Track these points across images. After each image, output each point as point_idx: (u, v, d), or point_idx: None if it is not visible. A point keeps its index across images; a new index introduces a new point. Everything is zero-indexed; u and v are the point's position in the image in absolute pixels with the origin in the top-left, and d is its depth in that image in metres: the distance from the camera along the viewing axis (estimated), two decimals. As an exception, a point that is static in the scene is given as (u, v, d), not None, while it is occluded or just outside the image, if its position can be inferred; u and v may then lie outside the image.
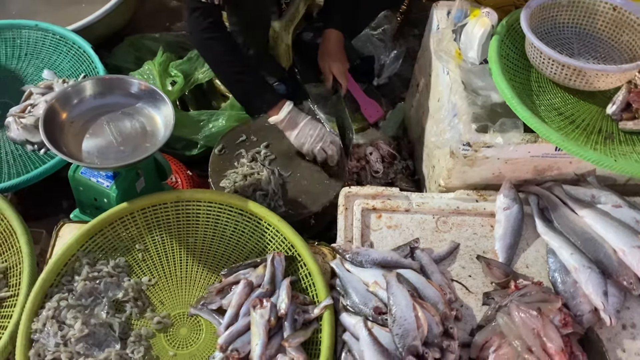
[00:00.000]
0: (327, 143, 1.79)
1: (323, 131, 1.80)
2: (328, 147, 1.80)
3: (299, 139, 1.79)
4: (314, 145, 1.79)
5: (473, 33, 1.70)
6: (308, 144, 1.79)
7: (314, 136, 1.78)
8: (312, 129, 1.78)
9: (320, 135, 1.79)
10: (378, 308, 1.38)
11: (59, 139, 1.47)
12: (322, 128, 1.81)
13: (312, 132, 1.78)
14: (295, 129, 1.78)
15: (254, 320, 1.36)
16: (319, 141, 1.78)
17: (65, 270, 1.45)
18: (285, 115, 1.76)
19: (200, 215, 1.57)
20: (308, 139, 1.79)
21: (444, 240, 1.59)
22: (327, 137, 1.80)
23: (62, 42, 2.06)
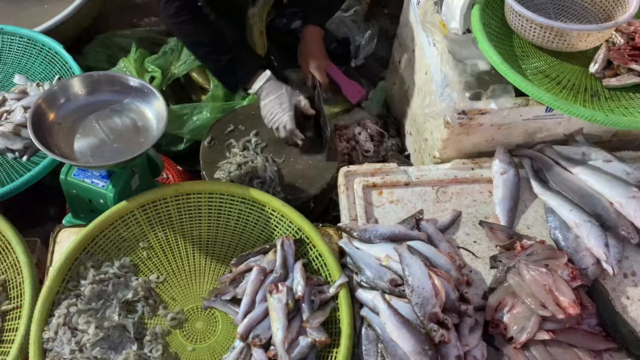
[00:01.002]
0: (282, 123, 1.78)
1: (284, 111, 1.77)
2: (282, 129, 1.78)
3: (263, 111, 1.81)
4: (272, 122, 1.79)
5: (454, 4, 1.72)
6: (267, 119, 1.80)
7: (274, 114, 1.78)
8: (275, 107, 1.77)
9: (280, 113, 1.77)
10: (394, 280, 1.39)
11: (48, 141, 1.42)
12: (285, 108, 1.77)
13: (273, 109, 1.78)
14: (264, 99, 1.79)
15: (272, 305, 1.35)
16: (275, 120, 1.78)
17: (69, 275, 1.40)
18: (260, 86, 1.79)
19: (202, 208, 1.54)
20: (268, 114, 1.79)
21: (446, 209, 1.62)
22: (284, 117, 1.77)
23: (31, 45, 1.97)
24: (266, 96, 1.79)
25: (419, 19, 1.69)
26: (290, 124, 1.77)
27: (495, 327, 1.41)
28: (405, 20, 1.92)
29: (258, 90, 1.80)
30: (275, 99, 1.78)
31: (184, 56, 2.14)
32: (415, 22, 1.82)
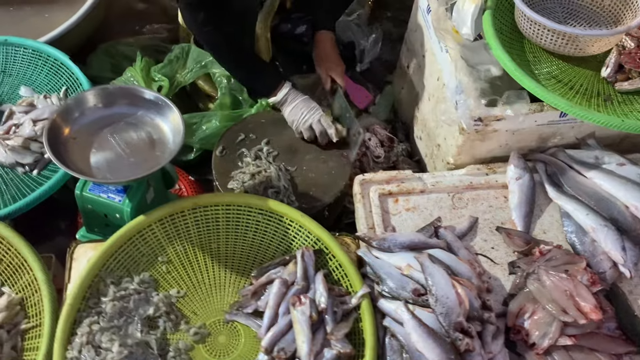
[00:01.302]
0: (314, 121, 1.81)
1: (314, 110, 1.82)
2: (316, 125, 1.81)
3: (290, 116, 1.84)
4: (302, 123, 1.81)
5: (464, 9, 1.73)
6: (297, 121, 1.82)
7: (304, 113, 1.81)
8: (304, 107, 1.82)
9: (310, 112, 1.81)
10: (416, 290, 1.39)
11: (64, 156, 1.40)
12: (314, 107, 1.82)
13: (304, 109, 1.81)
14: (289, 106, 1.83)
15: (296, 318, 1.35)
16: (308, 119, 1.81)
17: (90, 292, 1.39)
18: (282, 97, 1.84)
19: (219, 220, 1.53)
20: (298, 116, 1.82)
21: (463, 216, 1.62)
22: (316, 115, 1.81)
23: (36, 56, 1.94)
24: (292, 101, 1.82)
25: (433, 26, 1.69)
26: (325, 118, 1.80)
27: (516, 333, 1.42)
28: (414, 26, 1.92)
29: (282, 99, 1.83)
30: (301, 102, 1.82)
31: (190, 64, 2.12)
32: (425, 28, 1.82)
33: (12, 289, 1.47)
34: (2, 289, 1.46)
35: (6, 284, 1.48)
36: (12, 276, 1.48)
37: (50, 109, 1.78)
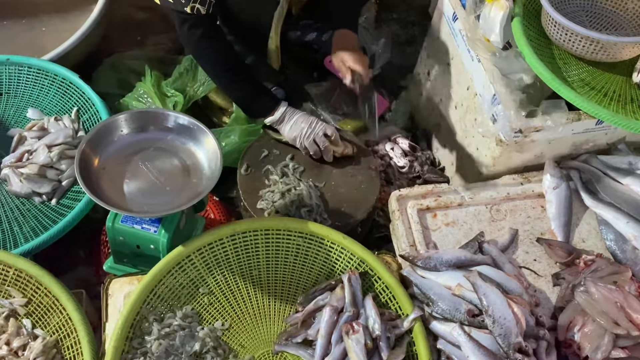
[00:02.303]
0: (318, 135, 1.72)
1: (315, 123, 1.73)
2: (320, 139, 1.72)
3: (291, 132, 1.74)
4: (305, 138, 1.72)
5: (491, 17, 1.69)
6: (299, 137, 1.73)
7: (305, 128, 1.72)
8: (303, 122, 1.72)
9: (312, 127, 1.72)
10: (471, 311, 1.36)
11: (97, 189, 1.32)
12: (315, 121, 1.73)
13: (304, 125, 1.72)
14: (288, 123, 1.74)
15: (351, 347, 1.31)
16: (311, 133, 1.72)
17: (133, 332, 1.32)
18: (280, 115, 1.74)
19: (259, 246, 1.48)
20: (300, 132, 1.72)
21: (502, 228, 1.60)
22: (318, 128, 1.72)
23: (42, 75, 1.83)
24: (290, 119, 1.73)
25: (466, 35, 1.65)
26: (331, 128, 1.72)
27: (568, 347, 1.41)
28: (435, 32, 1.88)
29: (279, 117, 1.73)
30: (300, 117, 1.73)
31: (200, 77, 2.03)
32: (451, 35, 1.78)
33: (45, 330, 1.39)
34: (35, 332, 1.38)
35: (38, 325, 1.40)
36: (44, 317, 1.40)
37: (64, 133, 1.69)
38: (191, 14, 1.58)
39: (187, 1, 1.55)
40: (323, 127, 1.71)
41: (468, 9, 1.70)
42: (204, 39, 1.67)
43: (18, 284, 1.41)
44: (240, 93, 1.77)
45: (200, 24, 1.63)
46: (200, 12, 1.58)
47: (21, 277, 1.41)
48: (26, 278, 1.41)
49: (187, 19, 1.61)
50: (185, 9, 1.56)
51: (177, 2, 1.56)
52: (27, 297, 1.41)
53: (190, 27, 1.62)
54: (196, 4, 1.56)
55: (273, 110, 1.73)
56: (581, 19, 1.72)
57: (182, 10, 1.57)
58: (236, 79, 1.74)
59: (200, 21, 1.62)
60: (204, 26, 1.64)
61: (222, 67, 1.74)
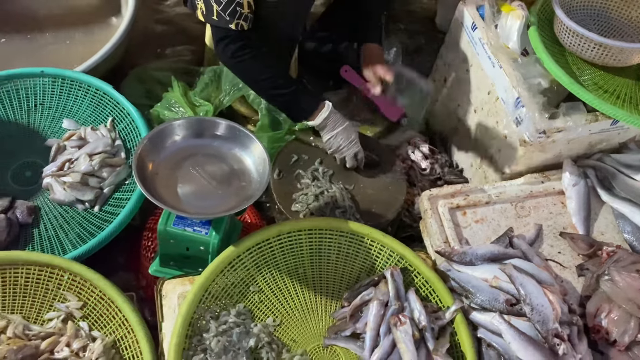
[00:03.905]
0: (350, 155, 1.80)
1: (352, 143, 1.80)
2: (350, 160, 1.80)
3: (329, 144, 1.81)
4: (339, 154, 1.80)
5: (508, 26, 1.81)
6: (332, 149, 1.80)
7: (343, 146, 1.79)
8: (342, 139, 1.79)
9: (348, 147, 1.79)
10: (509, 300, 1.45)
11: (154, 193, 1.37)
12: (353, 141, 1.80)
13: (342, 141, 1.79)
14: (328, 134, 1.80)
15: (400, 338, 1.38)
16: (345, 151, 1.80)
17: (191, 330, 1.37)
18: (322, 121, 1.78)
19: (303, 245, 1.54)
20: (336, 146, 1.79)
21: (527, 224, 1.70)
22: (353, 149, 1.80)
23: (76, 86, 1.88)
24: (332, 129, 1.78)
25: (488, 43, 1.76)
26: (362, 152, 1.80)
27: (596, 332, 1.51)
28: (454, 41, 1.98)
29: (321, 123, 1.79)
30: (342, 132, 1.78)
31: (225, 86, 2.10)
32: (469, 43, 1.88)
33: (102, 332, 1.43)
34: (92, 334, 1.42)
35: (94, 327, 1.44)
36: (100, 319, 1.44)
37: (103, 142, 1.74)
38: (235, 30, 1.63)
39: (231, 19, 1.60)
40: (357, 149, 1.78)
41: (487, 20, 1.81)
42: (242, 52, 1.70)
43: (73, 288, 1.45)
44: (280, 100, 1.82)
45: (241, 38, 1.67)
46: (243, 27, 1.63)
47: (76, 281, 1.45)
48: (81, 282, 1.45)
49: (228, 35, 1.65)
50: (230, 26, 1.61)
51: (222, 20, 1.60)
52: (83, 301, 1.45)
53: (230, 42, 1.67)
54: (240, 20, 1.61)
55: (316, 112, 1.77)
56: (590, 27, 1.84)
57: (227, 27, 1.61)
58: (273, 87, 1.78)
59: (241, 36, 1.67)
60: (243, 40, 1.68)
61: (258, 77, 1.77)
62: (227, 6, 1.58)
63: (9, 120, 1.84)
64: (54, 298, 1.45)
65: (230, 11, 1.58)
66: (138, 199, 1.66)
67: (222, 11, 1.58)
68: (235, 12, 1.58)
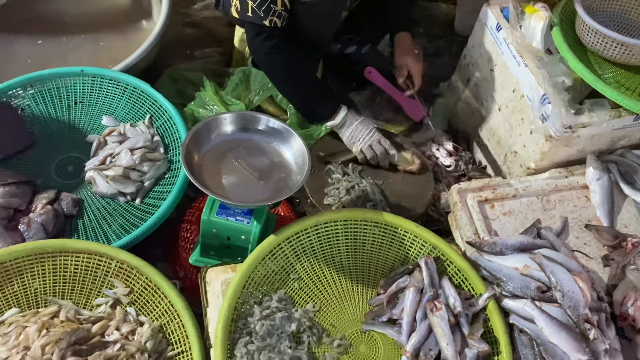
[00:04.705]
0: (374, 141, 1.85)
1: (373, 131, 1.86)
2: (376, 146, 1.85)
3: (350, 138, 1.86)
4: (363, 143, 1.85)
5: (532, 26, 1.88)
6: (357, 143, 1.85)
7: (365, 135, 1.84)
8: (363, 129, 1.85)
9: (369, 134, 1.85)
10: (540, 287, 1.50)
11: (201, 182, 1.44)
12: (373, 129, 1.86)
13: (364, 131, 1.85)
14: (348, 128, 1.86)
15: (436, 323, 1.43)
16: (368, 140, 1.84)
17: (236, 314, 1.42)
18: (341, 120, 1.86)
19: (339, 235, 1.60)
20: (358, 137, 1.85)
21: (553, 217, 1.75)
22: (375, 135, 1.85)
23: (114, 85, 1.95)
24: (350, 124, 1.85)
25: (513, 43, 1.83)
26: (385, 139, 1.85)
27: (623, 320, 1.56)
28: (477, 42, 2.05)
29: (340, 122, 1.85)
30: (359, 124, 1.85)
31: (254, 86, 2.16)
32: (494, 44, 1.95)
33: (148, 317, 1.48)
34: (140, 319, 1.47)
35: (141, 312, 1.49)
36: (146, 305, 1.50)
37: (143, 137, 1.80)
38: (269, 27, 1.70)
39: (265, 15, 1.67)
40: (379, 135, 1.84)
41: (512, 21, 1.88)
42: (276, 49, 1.77)
43: (120, 275, 1.51)
44: (304, 100, 1.88)
45: (274, 36, 1.74)
46: (277, 24, 1.70)
47: (123, 268, 1.51)
48: (127, 269, 1.51)
49: (262, 32, 1.72)
50: (264, 22, 1.67)
51: (256, 16, 1.67)
52: (130, 287, 1.51)
53: (265, 39, 1.73)
54: (274, 17, 1.68)
55: (334, 115, 1.84)
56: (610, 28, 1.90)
57: (260, 23, 1.68)
58: (301, 86, 1.86)
59: (274, 33, 1.73)
60: (277, 38, 1.75)
61: (288, 76, 1.84)
62: (261, 3, 1.64)
63: (51, 117, 1.91)
64: (102, 284, 1.51)
65: (264, 8, 1.65)
66: (179, 191, 1.72)
67: (257, 8, 1.65)
68: (269, 9, 1.65)
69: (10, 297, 1.47)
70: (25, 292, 1.48)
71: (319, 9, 1.78)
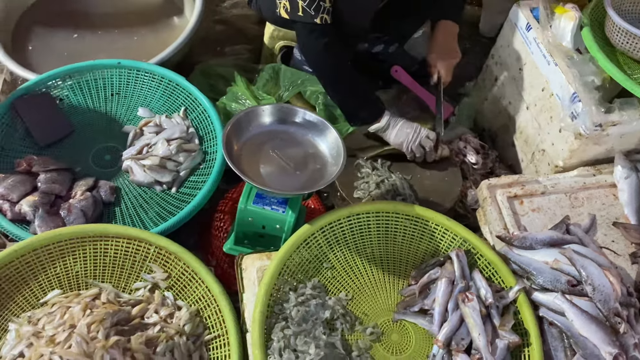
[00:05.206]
0: (423, 137, 1.88)
1: (418, 128, 1.89)
2: (425, 141, 1.88)
3: (398, 138, 1.88)
4: (412, 142, 1.88)
5: (562, 26, 1.90)
6: (406, 142, 1.88)
7: (411, 133, 1.88)
8: (408, 127, 1.88)
9: (416, 131, 1.88)
10: (570, 281, 1.52)
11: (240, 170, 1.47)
12: (418, 126, 1.90)
13: (409, 130, 1.88)
14: (393, 129, 1.89)
15: (468, 313, 1.46)
16: (417, 137, 1.88)
17: (272, 300, 1.46)
18: (385, 123, 1.89)
19: (371, 226, 1.63)
20: (406, 137, 1.88)
21: (581, 214, 1.77)
22: (422, 132, 1.89)
23: (149, 77, 2.00)
24: (394, 125, 1.88)
25: (543, 42, 1.85)
26: (432, 133, 1.89)
27: (652, 315, 1.58)
28: (506, 42, 2.08)
29: (385, 124, 1.88)
30: (404, 124, 1.88)
31: (284, 83, 2.20)
32: (523, 43, 1.98)
33: (186, 302, 1.52)
34: (177, 303, 1.51)
35: (178, 297, 1.53)
36: (183, 290, 1.54)
37: (179, 128, 1.85)
38: (320, 24, 1.71)
39: (316, 13, 1.69)
40: (426, 131, 1.87)
41: (542, 21, 1.91)
42: (328, 47, 1.78)
43: (159, 260, 1.55)
44: (351, 100, 1.89)
45: (326, 34, 1.75)
46: (327, 21, 1.72)
47: (161, 254, 1.55)
48: (166, 255, 1.55)
49: (314, 30, 1.73)
50: (315, 21, 1.70)
51: (307, 15, 1.69)
52: (167, 272, 1.55)
53: (317, 37, 1.74)
54: (324, 14, 1.70)
55: (379, 118, 1.86)
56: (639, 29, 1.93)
57: (312, 22, 1.70)
58: (351, 86, 1.86)
59: (326, 31, 1.75)
60: (329, 36, 1.76)
61: (339, 75, 1.85)
62: (311, 1, 1.67)
63: (88, 108, 1.96)
64: (141, 269, 1.55)
65: (315, 6, 1.68)
66: (214, 181, 1.76)
67: (307, 7, 1.68)
68: (319, 7, 1.68)
69: (53, 278, 1.51)
70: (67, 275, 1.52)
71: (357, 6, 1.81)
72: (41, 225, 1.61)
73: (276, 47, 2.39)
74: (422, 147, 1.88)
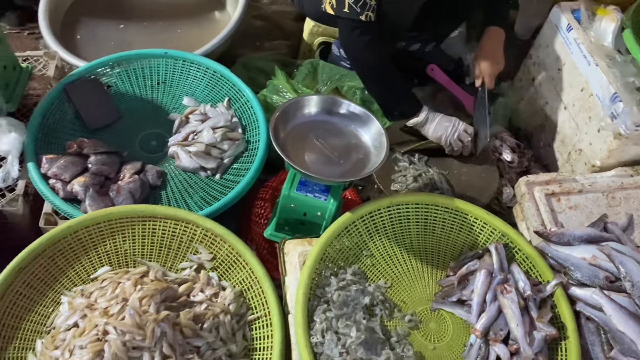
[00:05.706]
0: (461, 131, 1.91)
1: (457, 122, 1.92)
2: (463, 135, 1.91)
3: (437, 131, 1.91)
4: (451, 135, 1.90)
5: (603, 27, 1.92)
6: (445, 135, 1.91)
7: (450, 127, 1.90)
8: (447, 121, 1.91)
9: (455, 125, 1.91)
10: (609, 277, 1.54)
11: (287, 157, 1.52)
12: (456, 120, 1.92)
13: (447, 123, 1.91)
14: (432, 123, 1.91)
15: (506, 305, 1.48)
16: (455, 131, 1.90)
17: (314, 283, 1.50)
18: (424, 117, 1.92)
19: (410, 217, 1.67)
20: (445, 130, 1.90)
21: (618, 213, 1.78)
22: (460, 126, 1.91)
23: (195, 68, 2.06)
24: (433, 119, 1.91)
25: (585, 43, 1.87)
26: (470, 127, 1.91)
27: (688, 313, 1.58)
28: (545, 42, 2.10)
29: (423, 119, 1.91)
30: (442, 118, 1.91)
31: (322, 78, 2.24)
32: (564, 44, 2.00)
33: (230, 283, 1.57)
34: (222, 283, 1.56)
35: (223, 278, 1.58)
36: (228, 271, 1.59)
37: (224, 117, 1.90)
38: (365, 22, 1.75)
39: (362, 10, 1.73)
40: (464, 125, 1.90)
41: (583, 22, 1.93)
42: (371, 44, 1.82)
43: (205, 242, 1.60)
44: (390, 96, 1.92)
45: (370, 31, 1.79)
46: (371, 19, 1.76)
47: (207, 235, 1.60)
48: (212, 237, 1.60)
49: (358, 27, 1.77)
50: (361, 17, 1.74)
51: (353, 12, 1.73)
52: (213, 254, 1.60)
53: (361, 33, 1.78)
54: (369, 12, 1.74)
55: (418, 113, 1.90)
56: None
57: (357, 19, 1.74)
58: (390, 82, 1.90)
59: (370, 28, 1.79)
60: (372, 33, 1.80)
61: (380, 70, 1.88)
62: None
63: (135, 95, 2.02)
64: (187, 250, 1.60)
65: (361, 3, 1.72)
66: (257, 169, 1.81)
67: (354, 4, 1.72)
68: (365, 4, 1.72)
69: (103, 255, 1.57)
70: (117, 253, 1.58)
71: (400, 4, 1.84)
72: (92, 204, 1.67)
73: (315, 43, 2.44)
74: (461, 141, 1.90)
